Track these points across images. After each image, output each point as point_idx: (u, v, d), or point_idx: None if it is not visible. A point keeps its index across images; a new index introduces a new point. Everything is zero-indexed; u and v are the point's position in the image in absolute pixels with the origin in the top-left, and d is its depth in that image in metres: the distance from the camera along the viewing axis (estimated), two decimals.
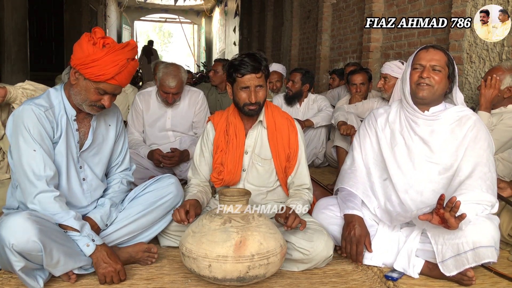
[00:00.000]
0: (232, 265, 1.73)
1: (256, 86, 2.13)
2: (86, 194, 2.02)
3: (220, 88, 4.60)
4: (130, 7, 20.99)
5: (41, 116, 1.83)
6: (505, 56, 3.30)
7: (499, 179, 2.28)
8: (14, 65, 7.16)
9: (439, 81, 2.05)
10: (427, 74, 2.04)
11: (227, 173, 2.24)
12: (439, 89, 2.06)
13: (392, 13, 5.13)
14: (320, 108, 4.23)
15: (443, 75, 2.05)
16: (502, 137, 2.77)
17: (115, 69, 1.81)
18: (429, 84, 2.04)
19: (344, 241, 2.08)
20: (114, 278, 1.84)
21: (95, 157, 2.05)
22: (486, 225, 1.86)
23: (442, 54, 2.07)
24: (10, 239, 1.60)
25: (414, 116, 2.13)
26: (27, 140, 1.81)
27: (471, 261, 1.84)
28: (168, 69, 3.24)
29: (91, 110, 1.92)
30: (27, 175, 1.80)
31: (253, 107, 2.16)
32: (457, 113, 2.10)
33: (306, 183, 2.30)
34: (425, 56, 2.07)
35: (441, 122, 2.10)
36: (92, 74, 1.80)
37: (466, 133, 2.05)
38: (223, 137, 2.27)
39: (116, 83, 1.85)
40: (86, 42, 1.80)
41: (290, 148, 2.26)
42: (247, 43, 13.68)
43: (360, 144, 2.31)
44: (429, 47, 2.10)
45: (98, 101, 1.88)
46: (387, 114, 2.25)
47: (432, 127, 2.11)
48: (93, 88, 1.85)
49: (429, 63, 2.05)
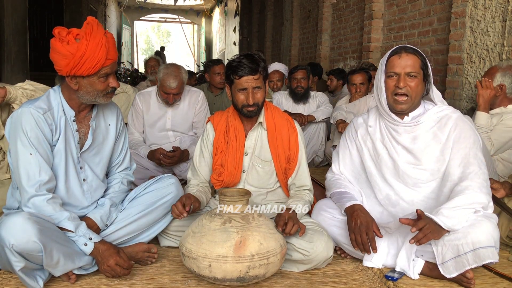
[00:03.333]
0: (232, 265, 1.73)
1: (254, 87, 2.12)
2: (86, 195, 2.01)
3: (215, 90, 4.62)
4: (130, 7, 21.00)
5: (39, 119, 1.83)
6: (505, 56, 3.31)
7: (492, 179, 2.25)
8: (14, 65, 7.16)
9: (415, 88, 1.98)
10: (403, 83, 1.97)
11: (227, 175, 2.23)
12: (417, 96, 2.00)
13: (392, 13, 5.13)
14: (319, 104, 4.29)
15: (419, 80, 1.99)
16: (502, 137, 2.77)
17: (103, 50, 1.80)
18: (406, 94, 1.99)
19: (352, 233, 2.01)
20: (115, 271, 1.83)
21: (96, 157, 2.05)
22: (485, 224, 1.84)
23: (415, 58, 1.98)
24: (10, 240, 1.60)
25: (394, 125, 2.08)
26: (24, 143, 1.81)
27: (471, 262, 1.83)
28: (169, 69, 3.23)
29: (107, 99, 1.93)
30: (21, 178, 1.80)
31: (251, 109, 2.15)
32: (437, 114, 2.04)
33: (306, 184, 2.29)
34: (399, 63, 1.98)
35: (422, 126, 2.05)
36: (88, 68, 1.80)
37: (448, 135, 2.00)
38: (223, 138, 2.26)
39: (111, 62, 1.86)
40: (61, 46, 1.77)
41: (290, 149, 2.25)
42: (247, 43, 13.68)
43: (339, 157, 2.28)
44: (401, 51, 2.00)
45: (107, 87, 1.89)
46: (366, 124, 2.20)
47: (414, 133, 2.06)
48: (96, 79, 1.85)
49: (404, 70, 1.97)
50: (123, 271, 1.84)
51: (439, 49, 4.19)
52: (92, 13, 13.75)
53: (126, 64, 17.80)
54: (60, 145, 1.90)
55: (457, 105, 3.74)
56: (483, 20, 3.48)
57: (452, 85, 3.81)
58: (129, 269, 1.87)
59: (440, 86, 4.11)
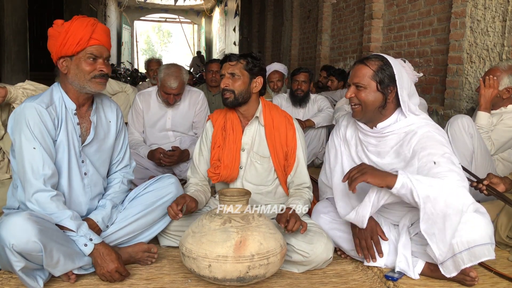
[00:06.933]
0: (232, 265, 1.73)
1: (229, 73, 2.17)
2: (86, 189, 2.02)
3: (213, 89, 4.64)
4: (130, 7, 21.01)
5: (43, 113, 1.85)
6: (505, 56, 3.31)
7: (492, 174, 2.24)
8: (14, 65, 7.16)
9: (365, 98, 1.96)
10: (350, 94, 1.99)
11: (223, 168, 2.24)
12: (369, 105, 1.96)
13: (392, 13, 5.13)
14: (320, 108, 4.24)
15: (368, 90, 1.96)
16: (502, 137, 2.77)
17: (87, 29, 1.86)
18: (355, 103, 1.99)
19: (357, 239, 2.01)
20: (113, 277, 1.84)
21: (97, 153, 2.05)
22: (478, 221, 1.80)
23: (366, 69, 1.95)
24: (10, 239, 1.60)
25: (364, 133, 2.08)
26: (27, 137, 1.82)
27: (466, 261, 1.80)
28: (170, 70, 3.24)
29: (96, 86, 1.92)
30: (26, 172, 1.81)
31: (226, 95, 2.18)
32: (403, 129, 1.98)
33: (306, 182, 2.30)
34: (351, 74, 2.02)
35: (387, 142, 2.01)
36: (72, 45, 1.85)
37: (413, 150, 1.92)
38: (220, 133, 2.29)
39: (98, 43, 1.89)
40: (52, 30, 1.91)
41: (288, 146, 2.27)
42: (247, 43, 13.68)
43: (329, 159, 2.26)
44: (356, 63, 2.01)
45: (94, 70, 1.90)
46: (347, 128, 2.20)
47: (378, 148, 2.04)
48: (82, 60, 1.88)
49: (352, 81, 1.99)
50: (120, 277, 1.85)
51: (439, 49, 4.19)
52: (92, 13, 13.76)
53: (126, 64, 17.81)
54: (62, 138, 1.91)
55: (457, 105, 3.74)
56: (483, 20, 3.48)
57: (452, 85, 3.81)
58: (127, 276, 1.88)
59: (440, 86, 4.11)
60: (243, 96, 2.20)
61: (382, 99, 1.97)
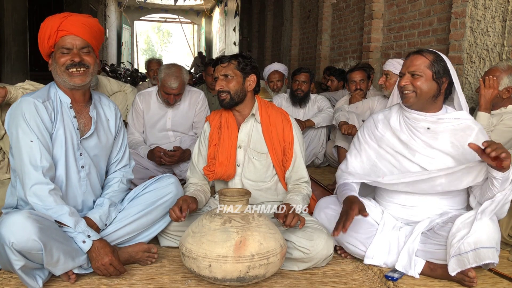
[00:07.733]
0: (232, 265, 1.73)
1: (222, 75, 2.21)
2: (82, 182, 2.02)
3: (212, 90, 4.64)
4: (130, 7, 21.03)
5: (39, 106, 1.87)
6: (505, 56, 3.31)
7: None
8: (14, 65, 7.17)
9: (421, 85, 2.02)
10: (404, 81, 2.06)
11: (218, 165, 2.25)
12: (424, 93, 2.03)
13: (392, 13, 5.13)
14: (320, 108, 4.23)
15: (424, 79, 2.02)
16: (502, 137, 2.77)
17: (55, 21, 1.93)
18: (410, 90, 2.05)
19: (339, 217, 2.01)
20: (108, 270, 1.83)
21: (96, 148, 2.06)
22: (487, 225, 1.87)
23: (422, 58, 2.04)
24: (10, 238, 1.60)
25: (414, 120, 2.11)
26: (24, 130, 1.83)
27: (471, 262, 1.84)
28: (170, 70, 3.24)
29: (71, 78, 1.93)
30: (24, 164, 1.82)
31: (222, 96, 2.22)
32: (458, 121, 2.06)
33: (304, 177, 2.31)
34: (405, 63, 2.09)
35: (439, 128, 2.07)
36: (44, 39, 1.94)
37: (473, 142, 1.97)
38: (216, 132, 2.31)
39: (67, 33, 1.92)
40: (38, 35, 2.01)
41: (285, 141, 2.29)
42: (247, 43, 13.69)
43: (357, 150, 2.28)
44: (412, 53, 2.10)
45: (66, 62, 1.92)
46: (388, 120, 2.21)
47: (430, 132, 2.08)
48: (58, 53, 1.94)
49: (408, 70, 2.06)
50: (115, 271, 1.85)
51: (439, 49, 4.17)
52: (92, 13, 13.76)
53: (126, 64, 17.82)
54: (59, 131, 1.93)
55: None
56: (483, 20, 3.48)
57: None
58: (122, 272, 1.88)
59: None
60: (239, 95, 2.22)
61: (436, 88, 2.05)
